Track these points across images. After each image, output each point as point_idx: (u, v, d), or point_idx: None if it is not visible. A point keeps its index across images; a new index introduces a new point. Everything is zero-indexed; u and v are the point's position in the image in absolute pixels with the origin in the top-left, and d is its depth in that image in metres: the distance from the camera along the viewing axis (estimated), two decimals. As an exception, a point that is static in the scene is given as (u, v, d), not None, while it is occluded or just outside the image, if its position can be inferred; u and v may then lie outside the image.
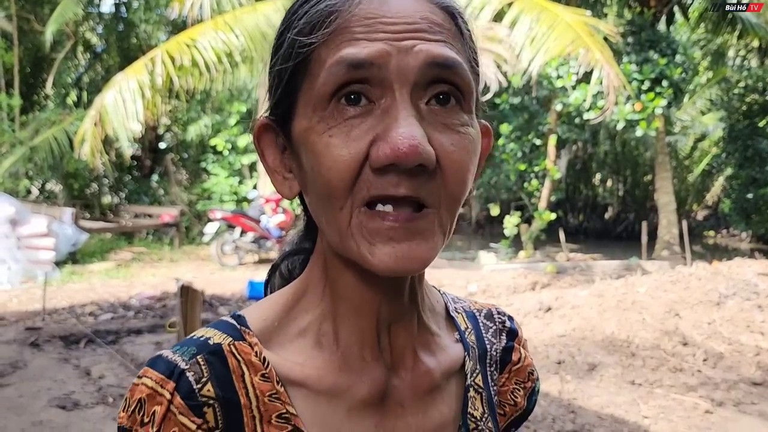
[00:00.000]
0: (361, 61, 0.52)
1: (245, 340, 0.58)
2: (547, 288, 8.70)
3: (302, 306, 0.62)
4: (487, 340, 0.72)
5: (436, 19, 0.55)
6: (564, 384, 4.69)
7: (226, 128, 15.04)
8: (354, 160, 0.52)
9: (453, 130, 0.54)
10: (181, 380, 0.55)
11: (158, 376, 0.55)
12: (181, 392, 0.54)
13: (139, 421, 0.55)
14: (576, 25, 7.91)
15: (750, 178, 13.58)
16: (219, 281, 9.14)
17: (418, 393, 0.63)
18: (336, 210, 0.54)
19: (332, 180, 0.53)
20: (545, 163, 12.94)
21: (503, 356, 0.73)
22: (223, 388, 0.56)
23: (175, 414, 0.54)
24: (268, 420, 0.57)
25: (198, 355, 0.56)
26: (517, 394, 0.74)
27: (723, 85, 16.06)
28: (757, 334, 5.64)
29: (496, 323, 0.75)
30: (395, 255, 0.52)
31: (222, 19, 8.74)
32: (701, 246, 17.00)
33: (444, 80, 0.54)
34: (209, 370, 0.56)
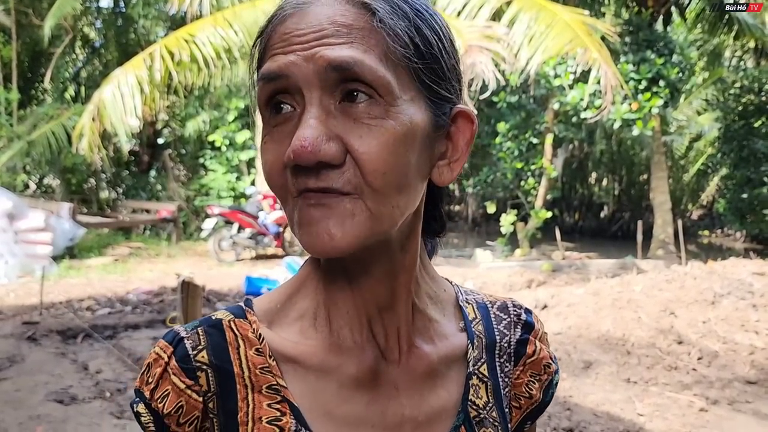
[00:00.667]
0: (271, 73, 0.57)
1: (246, 318, 0.65)
2: (543, 286, 8.74)
3: (302, 293, 0.68)
4: (497, 332, 0.74)
5: (345, 21, 0.57)
6: (560, 381, 4.72)
7: (224, 124, 15.02)
8: (279, 162, 0.58)
9: (362, 123, 0.56)
10: (179, 346, 0.62)
11: (163, 343, 0.63)
12: (176, 356, 0.62)
13: (145, 381, 0.63)
14: (574, 25, 7.93)
15: (745, 179, 13.64)
16: (216, 277, 9.16)
17: (413, 377, 0.66)
18: (285, 206, 0.60)
19: (270, 179, 0.60)
20: (542, 162, 12.97)
21: (518, 348, 0.74)
22: (217, 357, 0.63)
23: (169, 374, 0.62)
24: (258, 390, 0.62)
25: (199, 327, 0.64)
26: (533, 386, 0.74)
27: (719, 86, 16.12)
28: (751, 333, 5.69)
29: (511, 316, 0.76)
30: (312, 235, 0.56)
31: (221, 15, 8.73)
32: (696, 245, 17.08)
33: (350, 79, 0.56)
34: (207, 340, 0.63)
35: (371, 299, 0.65)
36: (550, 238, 14.02)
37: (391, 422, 0.64)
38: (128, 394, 4.55)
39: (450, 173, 0.63)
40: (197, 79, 9.02)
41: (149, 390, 0.62)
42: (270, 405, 0.62)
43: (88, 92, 13.56)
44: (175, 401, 0.61)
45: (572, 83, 11.47)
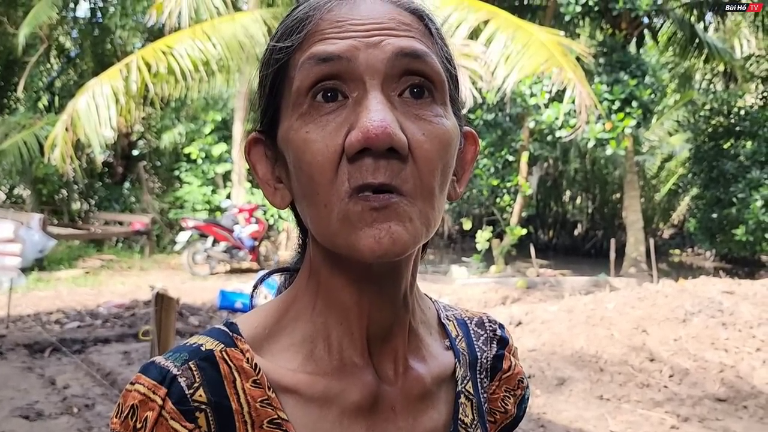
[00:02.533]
0: (330, 54, 0.54)
1: (237, 346, 0.59)
2: (518, 302, 8.78)
3: (292, 315, 0.63)
4: (477, 348, 0.74)
5: (404, 19, 0.58)
6: (534, 398, 4.74)
7: (200, 137, 14.93)
8: (331, 152, 0.54)
9: (425, 120, 0.56)
10: (173, 386, 0.55)
11: (150, 382, 0.56)
12: (172, 398, 0.55)
13: (132, 427, 0.55)
14: (550, 45, 8.07)
15: (715, 199, 13.92)
16: (190, 290, 9.04)
17: (409, 399, 0.64)
18: (321, 205, 0.55)
19: (314, 174, 0.54)
20: (517, 179, 13.10)
21: (494, 364, 0.74)
22: (215, 394, 0.56)
23: (166, 419, 0.54)
24: (259, 425, 0.57)
25: (190, 360, 0.57)
26: (508, 401, 0.75)
27: (690, 107, 16.50)
28: (721, 351, 5.77)
29: (487, 331, 0.76)
30: (379, 236, 0.53)
31: (200, 28, 8.71)
32: (667, 264, 17.34)
33: (414, 72, 0.56)
34: (201, 376, 0.57)
35: (376, 319, 0.61)
36: (525, 255, 14.13)
37: None
38: (96, 410, 4.45)
39: (457, 190, 0.64)
40: (174, 91, 8.97)
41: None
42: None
43: (62, 102, 13.37)
44: None
45: (547, 102, 11.65)
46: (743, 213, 12.33)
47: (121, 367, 5.38)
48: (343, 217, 0.54)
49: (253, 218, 11.54)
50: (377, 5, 0.58)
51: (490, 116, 13.11)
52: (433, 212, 0.56)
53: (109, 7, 14.66)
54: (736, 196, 12.88)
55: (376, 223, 0.53)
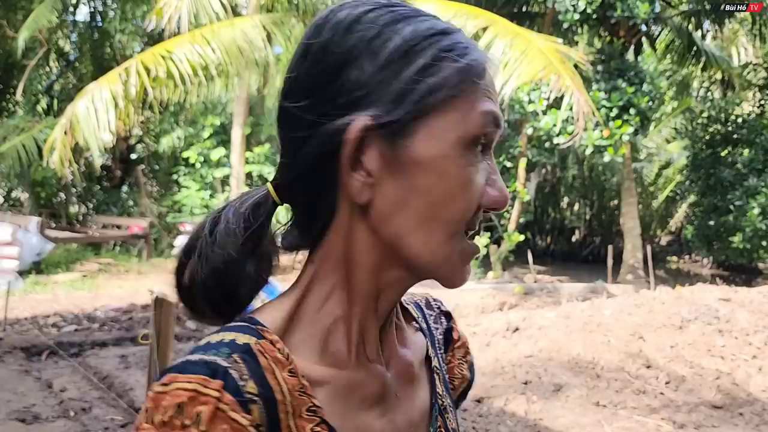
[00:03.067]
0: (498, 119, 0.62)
1: (265, 338, 0.59)
2: (515, 309, 8.79)
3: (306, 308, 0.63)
4: (432, 326, 0.79)
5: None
6: (530, 404, 4.75)
7: (199, 141, 14.94)
8: (479, 197, 0.61)
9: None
10: (227, 378, 0.54)
11: (198, 377, 0.53)
12: (229, 389, 0.53)
13: (179, 426, 0.51)
14: (548, 52, 8.10)
15: (712, 206, 13.96)
16: (187, 295, 9.03)
17: (404, 382, 0.68)
18: (446, 235, 0.60)
19: (468, 209, 0.60)
20: (515, 186, 13.13)
21: (446, 337, 0.81)
22: (261, 386, 0.56)
23: (225, 411, 0.52)
24: (299, 414, 0.58)
25: (234, 354, 0.56)
26: (462, 368, 0.82)
27: (687, 115, 16.56)
28: (717, 358, 5.79)
29: (434, 309, 0.82)
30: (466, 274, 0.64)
31: (199, 33, 8.73)
32: (665, 271, 17.37)
33: None
34: (247, 369, 0.56)
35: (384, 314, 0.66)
36: (523, 261, 14.15)
37: (400, 429, 0.66)
38: (93, 414, 4.45)
39: None
40: (173, 96, 8.98)
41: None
42: (312, 428, 0.58)
43: (61, 105, 13.39)
44: None
45: (545, 109, 11.69)
46: (740, 220, 12.37)
47: (118, 371, 5.38)
48: (460, 252, 0.61)
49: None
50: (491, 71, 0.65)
51: (489, 122, 13.13)
52: None
53: (109, 11, 14.70)
54: (734, 204, 12.92)
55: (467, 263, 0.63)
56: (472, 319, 7.53)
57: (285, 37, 9.99)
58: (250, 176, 14.94)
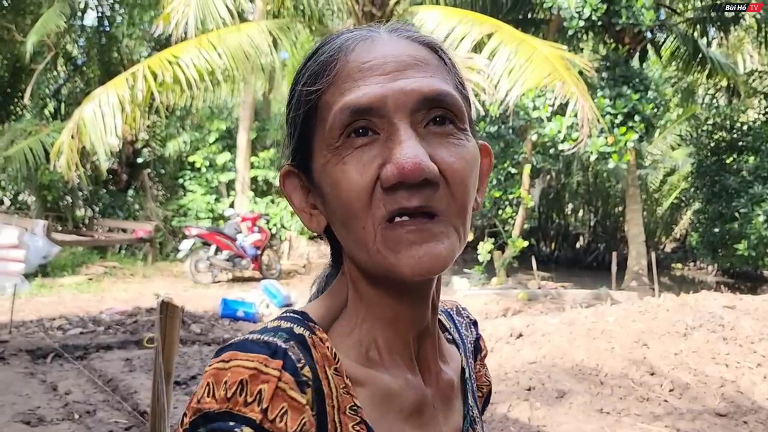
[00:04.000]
0: (362, 107, 0.59)
1: (316, 334, 0.61)
2: (519, 314, 8.79)
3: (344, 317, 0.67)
4: (464, 335, 0.81)
5: (421, 55, 0.63)
6: (533, 411, 4.75)
7: (204, 145, 15.00)
8: (367, 182, 0.59)
9: (451, 143, 0.61)
10: (287, 358, 0.56)
11: (259, 357, 0.55)
12: (288, 369, 0.55)
13: (241, 402, 0.53)
14: (553, 59, 8.13)
15: (717, 213, 13.92)
16: (192, 298, 9.07)
17: (443, 397, 0.70)
18: (359, 230, 0.60)
19: (351, 201, 0.59)
20: (519, 192, 13.13)
21: (476, 346, 0.82)
22: (313, 374, 0.58)
23: (284, 390, 0.54)
24: (343, 411, 0.59)
25: (291, 340, 0.58)
26: (487, 374, 0.84)
27: (692, 122, 16.53)
28: (721, 366, 5.77)
29: (464, 318, 0.83)
30: (418, 257, 0.58)
31: (206, 38, 8.79)
32: (669, 278, 17.32)
33: (436, 107, 0.61)
34: (303, 356, 0.58)
35: (413, 326, 0.66)
36: (527, 267, 14.13)
37: None
38: (98, 416, 4.47)
39: (477, 201, 0.68)
40: (179, 100, 9.04)
41: (259, 411, 0.53)
42: (353, 427, 0.60)
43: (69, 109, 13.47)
44: (298, 419, 0.54)
45: (550, 115, 11.69)
46: (745, 228, 12.33)
47: (123, 374, 5.40)
48: (382, 240, 0.59)
49: (255, 227, 11.58)
50: (395, 42, 0.63)
51: (493, 128, 13.17)
52: (465, 226, 0.62)
53: (117, 16, 14.79)
54: (739, 211, 12.88)
55: (414, 245, 0.58)
56: (476, 325, 7.53)
57: (291, 43, 10.04)
58: (255, 181, 14.99)
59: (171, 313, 2.52)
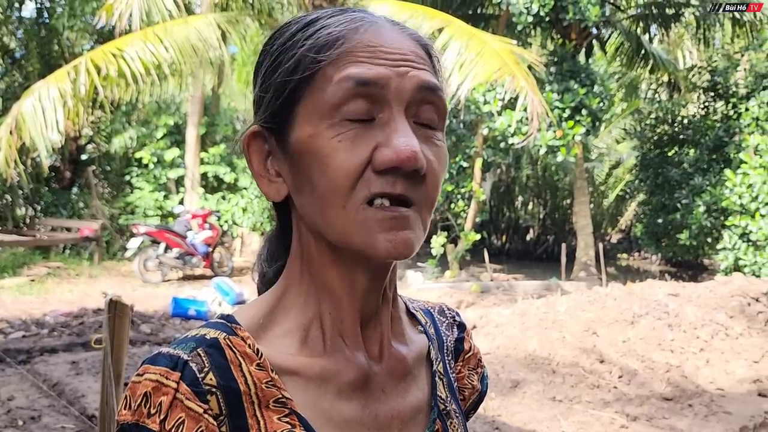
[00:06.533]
0: (367, 79, 0.61)
1: (237, 335, 0.64)
2: (472, 307, 8.90)
3: (285, 304, 0.68)
4: (443, 332, 0.82)
5: (420, 53, 0.66)
6: (488, 401, 4.82)
7: (152, 141, 14.64)
8: (359, 162, 0.60)
9: (434, 144, 0.64)
10: (186, 370, 0.59)
11: (162, 369, 0.59)
12: (186, 380, 0.59)
13: (145, 414, 0.58)
14: (503, 53, 8.22)
15: (660, 204, 14.39)
16: (141, 298, 8.84)
17: (394, 379, 0.70)
18: (338, 208, 0.61)
19: (338, 178, 0.60)
20: (471, 185, 13.28)
21: (456, 346, 0.83)
22: (223, 377, 0.61)
23: (181, 401, 0.58)
24: (266, 405, 0.62)
25: (198, 348, 0.61)
26: (473, 378, 0.84)
27: (636, 116, 17.02)
28: (667, 352, 5.98)
29: (448, 317, 0.85)
30: (395, 241, 0.61)
31: (151, 31, 8.55)
32: (615, 268, 17.81)
33: (429, 102, 0.64)
34: (209, 361, 0.61)
35: (366, 307, 0.67)
36: (479, 260, 14.32)
37: (383, 423, 0.68)
38: (43, 422, 4.32)
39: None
40: (125, 95, 8.78)
41: (157, 421, 0.57)
42: (280, 419, 0.62)
43: (7, 105, 12.91)
44: (194, 428, 0.58)
45: (500, 110, 11.85)
46: (687, 218, 12.79)
47: (69, 378, 5.23)
48: (362, 220, 0.61)
49: (206, 224, 11.38)
50: (400, 36, 0.66)
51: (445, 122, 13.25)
52: (429, 220, 0.66)
53: (57, 7, 14.25)
54: (680, 202, 13.35)
55: (393, 230, 0.61)
56: (431, 318, 7.58)
57: (240, 37, 9.88)
58: (206, 177, 14.72)
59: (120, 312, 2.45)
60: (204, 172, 14.51)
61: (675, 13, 14.39)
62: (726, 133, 13.31)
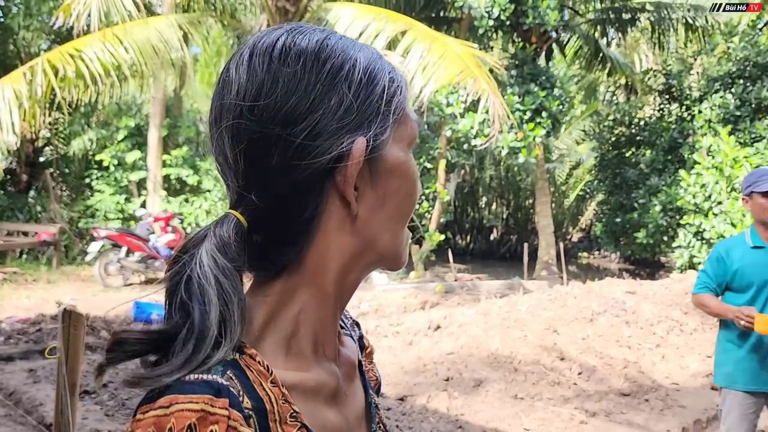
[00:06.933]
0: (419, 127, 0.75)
1: (245, 352, 0.61)
2: (436, 307, 8.97)
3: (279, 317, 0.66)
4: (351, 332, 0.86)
5: None
6: (452, 400, 4.88)
7: (112, 143, 14.38)
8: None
9: None
10: (230, 395, 0.55)
11: (204, 397, 0.54)
12: (235, 407, 0.55)
13: None
14: (464, 56, 8.33)
15: (618, 204, 14.73)
16: (102, 303, 8.68)
17: (349, 381, 0.74)
18: (405, 226, 0.71)
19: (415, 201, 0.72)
20: (435, 186, 13.39)
21: (360, 343, 0.87)
22: (253, 398, 0.58)
23: (235, 428, 0.54)
24: (285, 421, 0.60)
25: (227, 370, 0.58)
26: (374, 370, 0.88)
27: (595, 118, 17.40)
28: (625, 348, 6.14)
29: (349, 318, 0.88)
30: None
31: (110, 31, 8.42)
32: (576, 266, 18.15)
33: None
34: (240, 384, 0.58)
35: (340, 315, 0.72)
36: (444, 260, 14.43)
37: (352, 426, 0.71)
38: (0, 432, 4.22)
39: None
40: (83, 96, 8.62)
41: None
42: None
43: (-42, 105, 12.53)
44: None
45: (463, 112, 11.99)
46: (644, 217, 13.11)
47: (26, 386, 5.11)
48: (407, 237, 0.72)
49: (169, 227, 11.24)
50: None
51: (409, 125, 13.32)
52: None
53: (12, 6, 13.89)
54: (638, 202, 13.68)
55: None
56: (395, 319, 7.63)
57: (202, 38, 9.79)
58: (168, 179, 14.52)
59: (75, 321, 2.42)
60: (166, 174, 14.32)
61: (631, 17, 14.77)
62: (680, 135, 13.70)
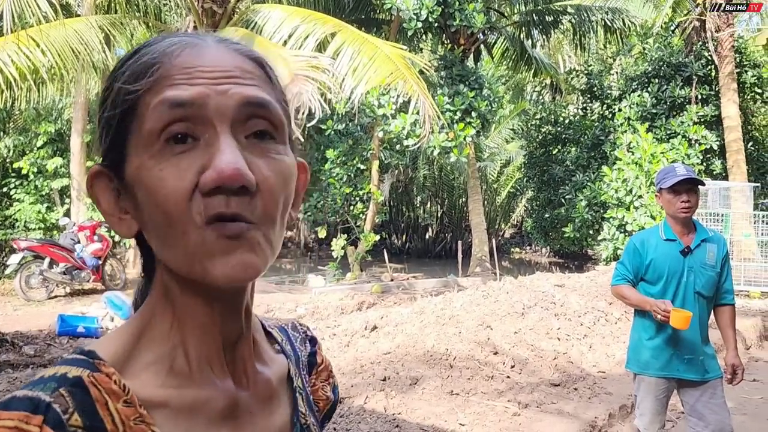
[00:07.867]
0: (182, 100, 0.60)
1: (101, 371, 0.60)
2: (373, 307, 9.02)
3: (149, 335, 0.66)
4: (297, 348, 0.84)
5: (247, 67, 0.64)
6: (389, 399, 4.93)
7: (32, 150, 13.75)
8: (185, 188, 0.59)
9: (269, 157, 0.63)
10: (49, 412, 0.55)
11: (20, 414, 0.54)
12: (49, 423, 0.54)
13: None
14: (395, 58, 8.42)
15: (547, 200, 15.22)
16: (24, 318, 8.31)
17: (261, 401, 0.71)
18: (178, 236, 0.60)
19: (169, 207, 0.59)
20: (369, 187, 13.46)
21: (310, 360, 0.86)
22: (89, 417, 0.57)
23: None
24: None
25: (59, 388, 0.57)
26: (326, 390, 0.86)
27: (523, 117, 17.92)
28: (554, 340, 6.35)
29: (300, 333, 0.87)
30: (231, 264, 0.59)
31: (25, 34, 8.07)
32: (509, 262, 18.63)
33: (259, 116, 0.62)
34: (73, 401, 0.57)
35: (228, 333, 0.67)
36: (380, 260, 14.52)
37: None
38: None
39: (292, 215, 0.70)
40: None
41: None
42: None
43: None
44: None
45: (395, 113, 12.10)
46: (571, 212, 13.60)
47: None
48: (201, 243, 0.59)
49: (95, 236, 10.84)
50: (222, 53, 0.64)
51: (341, 126, 13.37)
52: (276, 237, 0.64)
53: None
54: (565, 198, 14.18)
55: (229, 252, 0.59)
56: (332, 321, 7.63)
57: (127, 40, 9.52)
58: (93, 186, 14.00)
59: None
60: (91, 181, 13.80)
61: (554, 20, 15.27)
62: (602, 132, 14.28)
